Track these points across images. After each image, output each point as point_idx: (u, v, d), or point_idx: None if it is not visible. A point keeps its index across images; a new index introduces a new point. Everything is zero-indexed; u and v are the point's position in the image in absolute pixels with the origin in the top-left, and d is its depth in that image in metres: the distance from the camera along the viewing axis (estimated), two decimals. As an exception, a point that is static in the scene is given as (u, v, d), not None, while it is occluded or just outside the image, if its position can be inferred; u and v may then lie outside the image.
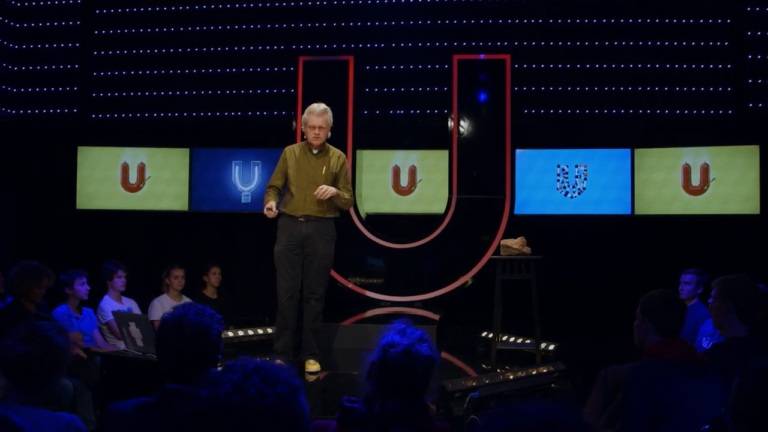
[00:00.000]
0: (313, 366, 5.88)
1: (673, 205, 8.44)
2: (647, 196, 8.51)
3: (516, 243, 6.21)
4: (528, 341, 6.45)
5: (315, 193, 5.71)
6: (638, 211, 8.51)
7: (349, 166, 8.26)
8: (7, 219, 9.31)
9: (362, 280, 8.29)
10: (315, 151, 5.94)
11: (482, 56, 8.53)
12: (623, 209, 8.54)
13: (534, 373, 4.76)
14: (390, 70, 9.22)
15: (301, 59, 8.54)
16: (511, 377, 4.56)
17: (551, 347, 6.40)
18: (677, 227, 8.46)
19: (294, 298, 5.88)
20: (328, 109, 5.90)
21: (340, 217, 8.12)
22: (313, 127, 5.80)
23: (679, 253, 8.21)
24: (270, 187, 5.99)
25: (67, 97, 9.66)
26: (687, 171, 8.43)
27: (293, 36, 9.36)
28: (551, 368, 4.99)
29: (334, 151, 6.03)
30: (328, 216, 5.95)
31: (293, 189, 5.88)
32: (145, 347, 4.08)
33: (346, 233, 8.23)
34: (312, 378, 5.78)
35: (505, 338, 6.76)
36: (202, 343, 2.46)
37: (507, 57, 8.34)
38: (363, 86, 8.92)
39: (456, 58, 8.41)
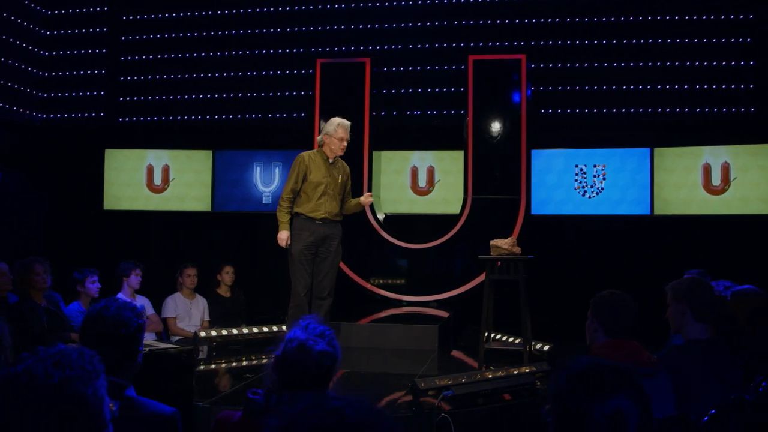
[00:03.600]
0: None
1: (693, 206, 8.30)
2: (666, 196, 8.38)
3: (506, 243, 6.20)
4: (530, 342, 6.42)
5: (368, 200, 6.69)
6: (657, 211, 8.39)
7: (365, 167, 8.45)
8: (38, 220, 9.64)
9: (378, 280, 8.36)
10: (330, 161, 6.50)
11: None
12: (642, 209, 8.44)
13: (515, 372, 4.75)
14: (406, 71, 9.28)
15: (319, 62, 8.64)
16: (489, 376, 4.56)
17: (546, 347, 6.37)
18: (697, 227, 8.31)
19: (308, 293, 6.43)
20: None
21: (357, 218, 8.29)
22: (341, 140, 6.43)
23: (699, 254, 8.04)
24: (287, 195, 6.46)
25: (94, 101, 9.97)
26: (707, 170, 8.28)
27: (311, 39, 9.49)
28: (533, 368, 4.98)
29: (343, 162, 6.66)
30: (339, 220, 6.56)
31: (312, 193, 6.38)
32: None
33: (363, 234, 8.33)
34: None
35: (505, 338, 6.74)
36: (121, 334, 2.57)
37: (523, 57, 8.30)
38: (380, 87, 8.99)
39: (471, 58, 8.40)
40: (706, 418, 3.19)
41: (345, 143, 6.41)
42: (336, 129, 6.39)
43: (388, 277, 8.41)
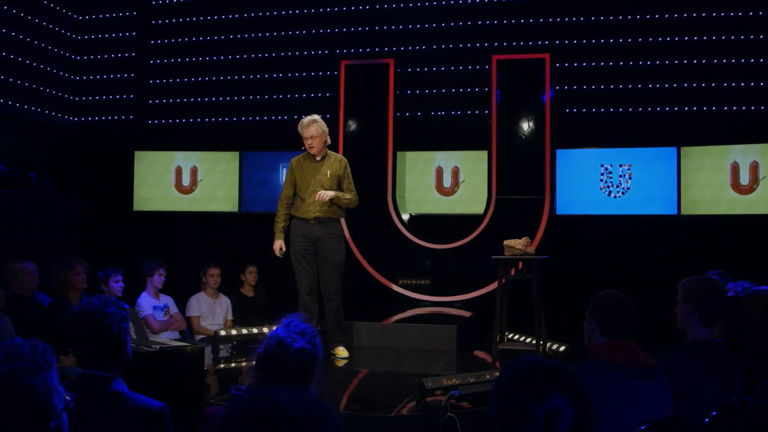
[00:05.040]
0: (342, 352, 6.39)
1: (721, 205, 8.18)
2: (693, 196, 8.27)
3: (519, 243, 6.18)
4: (545, 342, 6.38)
5: (316, 198, 6.24)
6: (684, 211, 8.28)
7: (389, 167, 8.48)
8: (70, 221, 9.84)
9: (402, 281, 8.38)
10: (318, 158, 6.47)
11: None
12: (669, 209, 8.34)
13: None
14: (430, 71, 9.30)
15: (343, 63, 8.71)
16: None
17: (562, 348, 6.33)
18: (725, 228, 8.19)
19: (313, 292, 6.44)
20: (317, 120, 6.42)
21: (381, 218, 8.33)
22: (305, 138, 6.39)
23: (726, 255, 7.92)
24: (282, 202, 6.57)
25: (124, 104, 10.18)
26: (735, 169, 8.15)
27: (335, 41, 9.57)
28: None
29: (336, 156, 6.59)
30: (336, 216, 6.48)
31: (302, 195, 6.43)
32: (138, 339, 4.35)
33: (387, 234, 8.37)
34: (342, 363, 6.23)
35: (522, 339, 6.72)
36: (105, 329, 2.62)
37: (546, 56, 8.26)
38: (404, 88, 9.02)
39: (495, 58, 8.38)
40: (707, 419, 3.15)
41: (310, 140, 6.33)
42: (299, 130, 6.40)
43: (412, 278, 8.42)
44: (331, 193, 6.27)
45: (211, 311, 7.70)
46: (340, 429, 1.37)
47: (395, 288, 8.32)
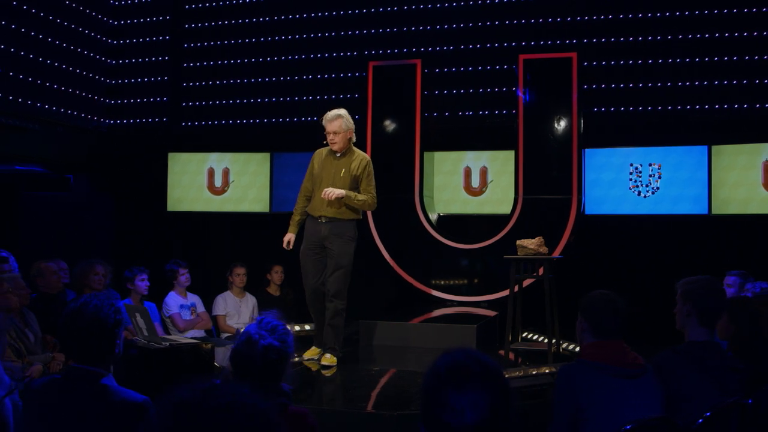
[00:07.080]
0: (327, 360, 5.97)
1: (752, 205, 8.04)
2: (724, 195, 8.15)
3: (532, 243, 6.16)
4: (558, 342, 6.35)
5: (321, 195, 5.91)
6: (715, 210, 8.16)
7: (416, 168, 8.51)
8: (107, 221, 10.08)
9: (429, 280, 8.41)
10: (338, 154, 6.10)
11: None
12: (700, 209, 8.23)
13: (533, 372, 4.74)
14: (458, 71, 9.29)
15: (371, 64, 8.78)
16: (506, 376, 4.53)
17: (577, 349, 6.28)
18: (756, 227, 8.04)
19: (317, 293, 6.08)
20: (342, 115, 6.02)
21: (408, 216, 8.37)
22: (328, 133, 6.03)
23: (757, 255, 7.81)
24: (301, 194, 6.28)
25: (158, 107, 10.37)
26: (767, 168, 8.01)
27: (363, 42, 9.63)
28: (553, 369, 4.95)
29: (358, 154, 6.15)
30: (346, 217, 6.04)
31: (316, 190, 6.10)
32: (149, 336, 4.47)
33: (414, 234, 8.41)
34: (327, 372, 5.83)
35: (540, 338, 6.70)
36: (99, 329, 2.72)
37: (574, 55, 8.23)
38: (431, 89, 9.04)
39: (522, 57, 8.38)
40: (701, 420, 3.14)
41: (333, 136, 5.96)
42: (323, 123, 6.05)
43: (438, 277, 8.45)
44: (338, 192, 5.84)
45: (237, 310, 7.83)
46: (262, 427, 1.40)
47: (422, 287, 8.35)
